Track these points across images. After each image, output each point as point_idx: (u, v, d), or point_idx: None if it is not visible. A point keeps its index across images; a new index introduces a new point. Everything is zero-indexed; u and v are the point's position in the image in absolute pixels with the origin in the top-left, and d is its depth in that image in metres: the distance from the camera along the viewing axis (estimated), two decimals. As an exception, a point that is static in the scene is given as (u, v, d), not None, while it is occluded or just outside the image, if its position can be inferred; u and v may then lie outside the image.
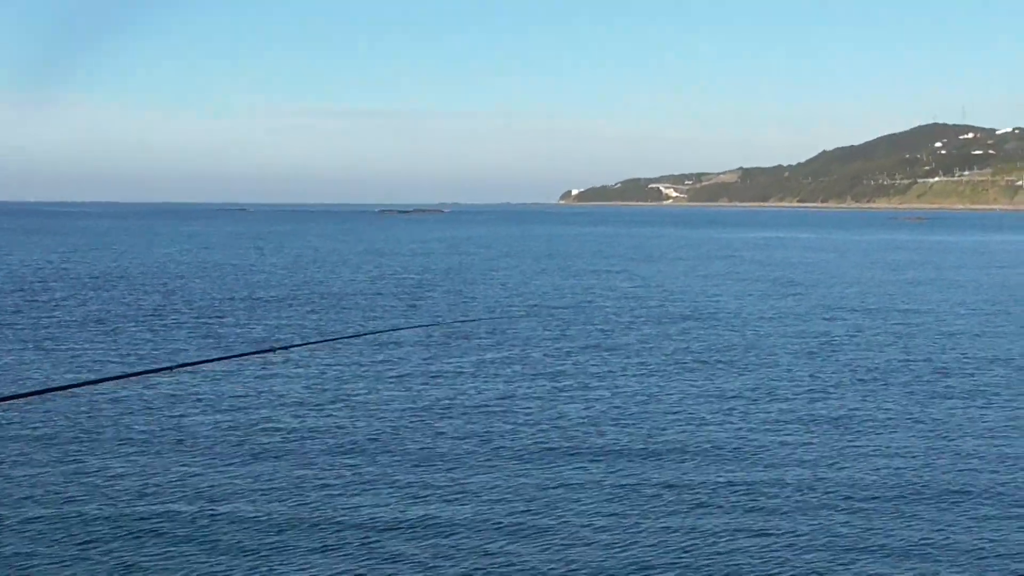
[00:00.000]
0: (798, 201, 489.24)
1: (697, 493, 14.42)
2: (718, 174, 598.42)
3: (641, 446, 16.94)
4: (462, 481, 14.90)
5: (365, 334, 29.73)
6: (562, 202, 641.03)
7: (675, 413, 19.46)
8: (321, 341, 27.93)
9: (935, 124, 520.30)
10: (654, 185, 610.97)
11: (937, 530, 13.03)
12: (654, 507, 13.82)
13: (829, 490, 14.60)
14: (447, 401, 20.43)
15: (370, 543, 12.42)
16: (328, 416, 18.96)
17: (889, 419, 19.06)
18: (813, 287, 48.08)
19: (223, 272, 55.91)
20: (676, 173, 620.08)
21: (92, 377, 22.36)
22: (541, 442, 17.18)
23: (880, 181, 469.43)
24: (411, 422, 18.56)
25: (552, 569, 11.71)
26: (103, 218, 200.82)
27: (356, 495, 14.21)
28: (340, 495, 14.20)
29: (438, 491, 14.42)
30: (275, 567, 11.68)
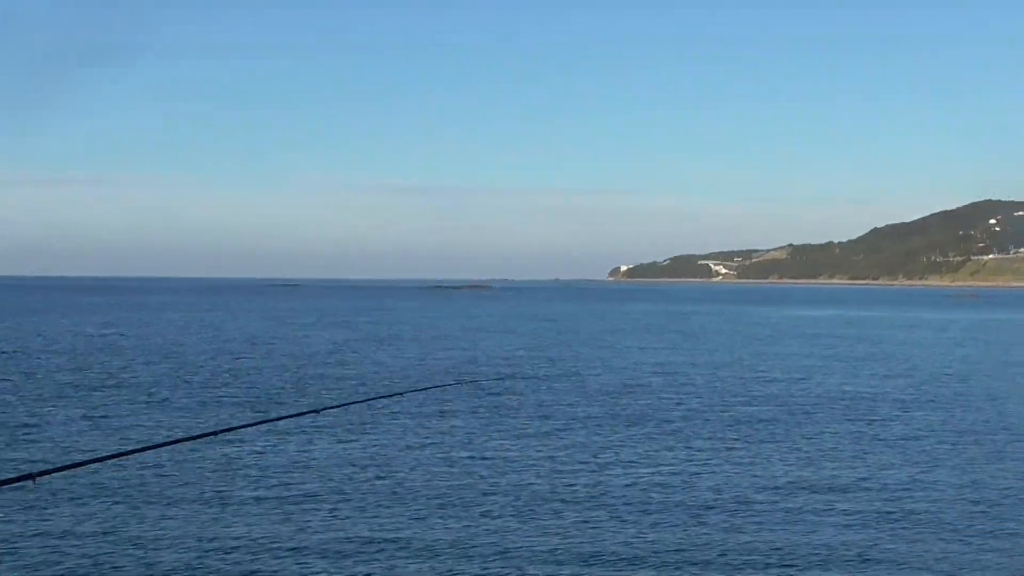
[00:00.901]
0: (849, 278, 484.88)
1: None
2: (768, 251, 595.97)
3: (681, 539, 16.63)
4: (498, 554, 14.74)
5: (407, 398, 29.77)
6: (611, 279, 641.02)
7: (718, 502, 19.06)
8: (342, 407, 28.01)
9: (989, 200, 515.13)
10: (703, 262, 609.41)
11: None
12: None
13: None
14: (492, 480, 20.29)
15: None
16: (374, 481, 18.94)
17: (944, 499, 18.61)
18: (884, 363, 47.39)
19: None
20: (725, 250, 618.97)
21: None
22: (579, 522, 16.97)
23: (933, 258, 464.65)
24: (456, 491, 18.45)
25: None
26: (151, 294, 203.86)
27: (405, 559, 14.12)
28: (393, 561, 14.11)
29: (476, 558, 14.28)
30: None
